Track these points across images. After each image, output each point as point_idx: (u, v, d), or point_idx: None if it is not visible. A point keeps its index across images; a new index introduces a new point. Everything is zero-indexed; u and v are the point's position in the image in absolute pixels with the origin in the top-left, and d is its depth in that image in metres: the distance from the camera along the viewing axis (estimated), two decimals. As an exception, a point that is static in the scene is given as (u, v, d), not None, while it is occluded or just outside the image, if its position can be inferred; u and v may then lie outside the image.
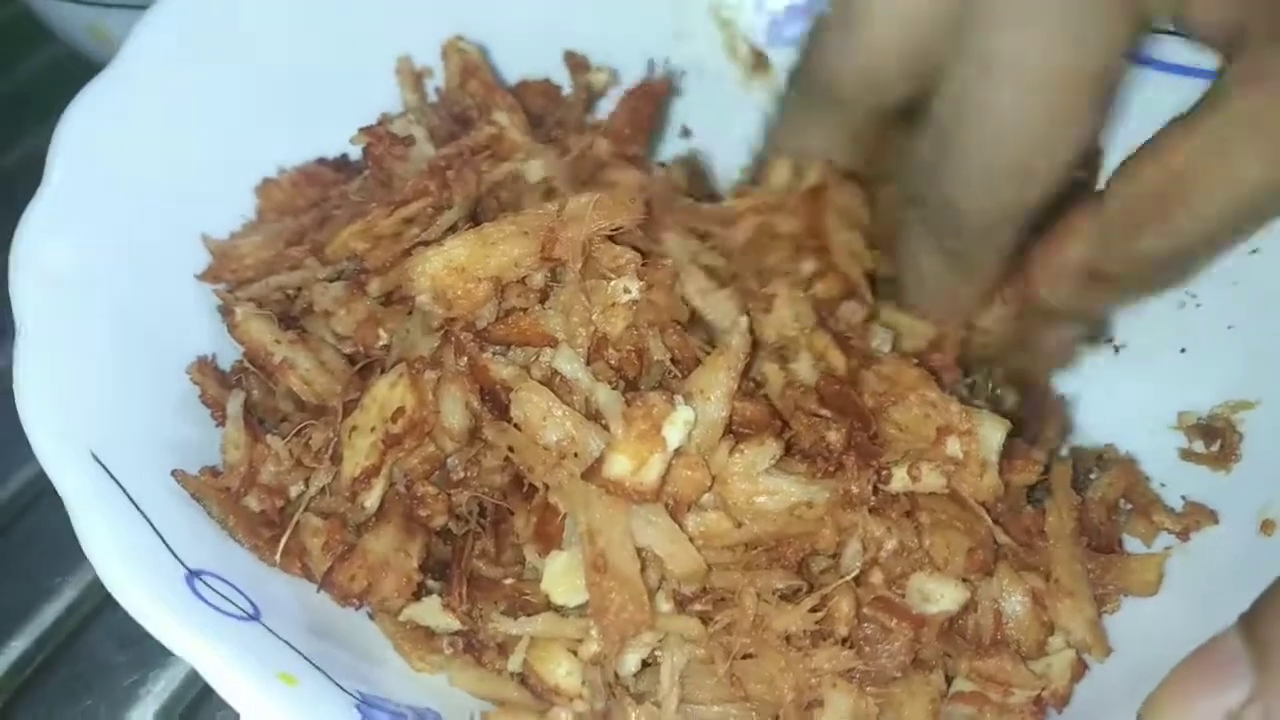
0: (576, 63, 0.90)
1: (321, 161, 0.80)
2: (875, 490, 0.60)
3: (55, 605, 0.74)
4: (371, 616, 0.62)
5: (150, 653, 0.71)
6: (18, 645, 0.72)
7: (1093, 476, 0.70)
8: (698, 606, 0.59)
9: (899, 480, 0.60)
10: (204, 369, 0.66)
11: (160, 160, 0.72)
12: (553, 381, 0.61)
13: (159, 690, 0.71)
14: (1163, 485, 0.71)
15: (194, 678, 0.71)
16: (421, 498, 0.61)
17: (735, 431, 0.60)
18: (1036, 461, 0.63)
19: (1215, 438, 0.70)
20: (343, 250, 0.69)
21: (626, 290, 0.63)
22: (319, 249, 0.70)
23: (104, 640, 0.72)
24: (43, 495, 0.78)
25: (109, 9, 0.90)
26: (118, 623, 0.71)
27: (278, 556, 0.60)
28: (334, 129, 0.78)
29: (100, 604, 0.74)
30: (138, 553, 0.52)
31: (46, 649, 0.72)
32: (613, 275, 0.64)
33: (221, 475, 0.62)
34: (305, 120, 0.80)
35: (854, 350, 0.63)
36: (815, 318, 0.63)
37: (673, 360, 0.63)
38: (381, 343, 0.67)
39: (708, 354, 0.61)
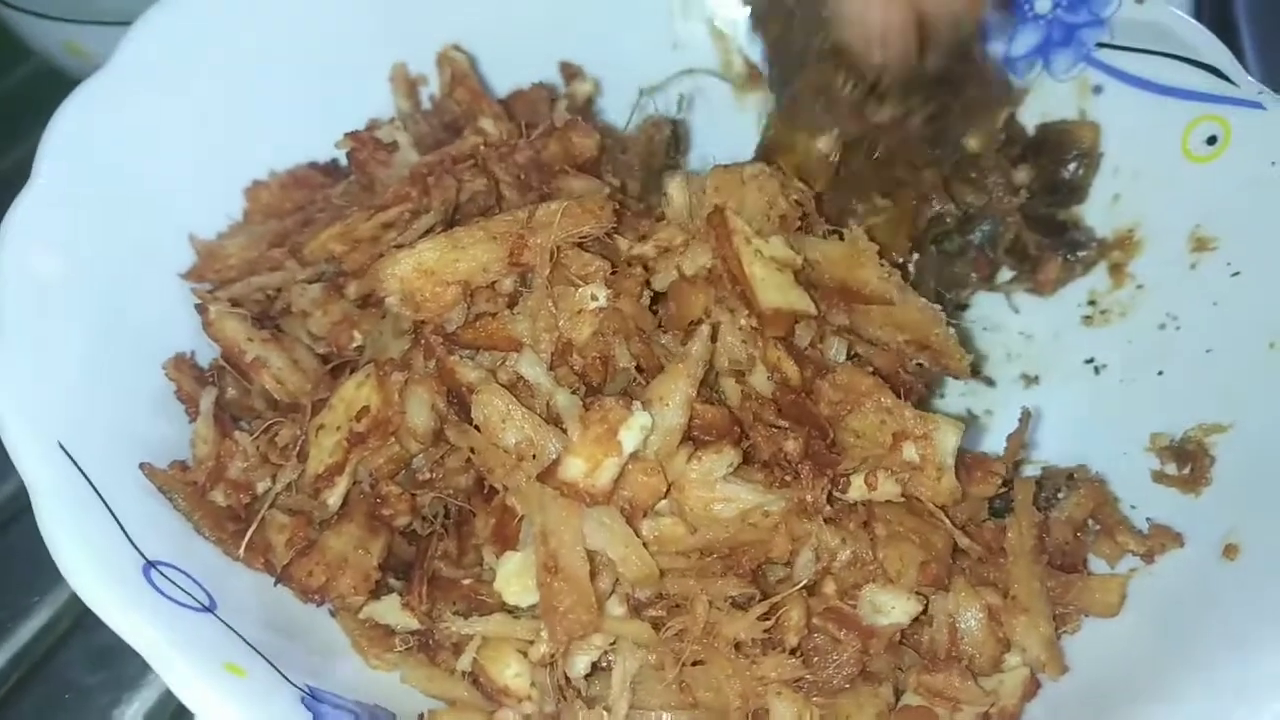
0: (570, 72, 0.91)
1: (312, 165, 0.82)
2: (831, 499, 0.60)
3: (31, 624, 0.74)
4: (333, 614, 0.63)
5: (125, 673, 0.71)
6: (-8, 664, 0.72)
7: (1060, 495, 0.69)
8: (651, 612, 0.60)
9: (856, 489, 0.61)
10: (180, 365, 0.67)
11: (150, 162, 0.73)
12: (517, 386, 0.62)
13: (133, 711, 0.71)
14: (1133, 507, 0.71)
15: (168, 698, 0.70)
16: (385, 497, 0.62)
17: (694, 439, 0.61)
18: (995, 473, 0.63)
19: (1186, 460, 0.70)
20: (321, 252, 0.70)
21: (594, 297, 0.64)
22: (299, 251, 0.71)
23: (79, 660, 0.73)
24: (19, 515, 0.77)
25: (86, 25, 0.92)
26: (94, 643, 0.73)
27: (241, 551, 0.61)
28: (330, 133, 0.79)
29: (76, 624, 0.74)
30: (96, 540, 0.54)
31: (21, 668, 0.73)
32: (581, 282, 0.65)
33: (190, 470, 0.63)
34: (301, 124, 0.81)
35: (808, 360, 0.63)
36: (761, 339, 0.63)
37: (638, 368, 0.64)
38: (355, 344, 0.68)
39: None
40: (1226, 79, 0.78)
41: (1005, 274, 0.84)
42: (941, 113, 0.75)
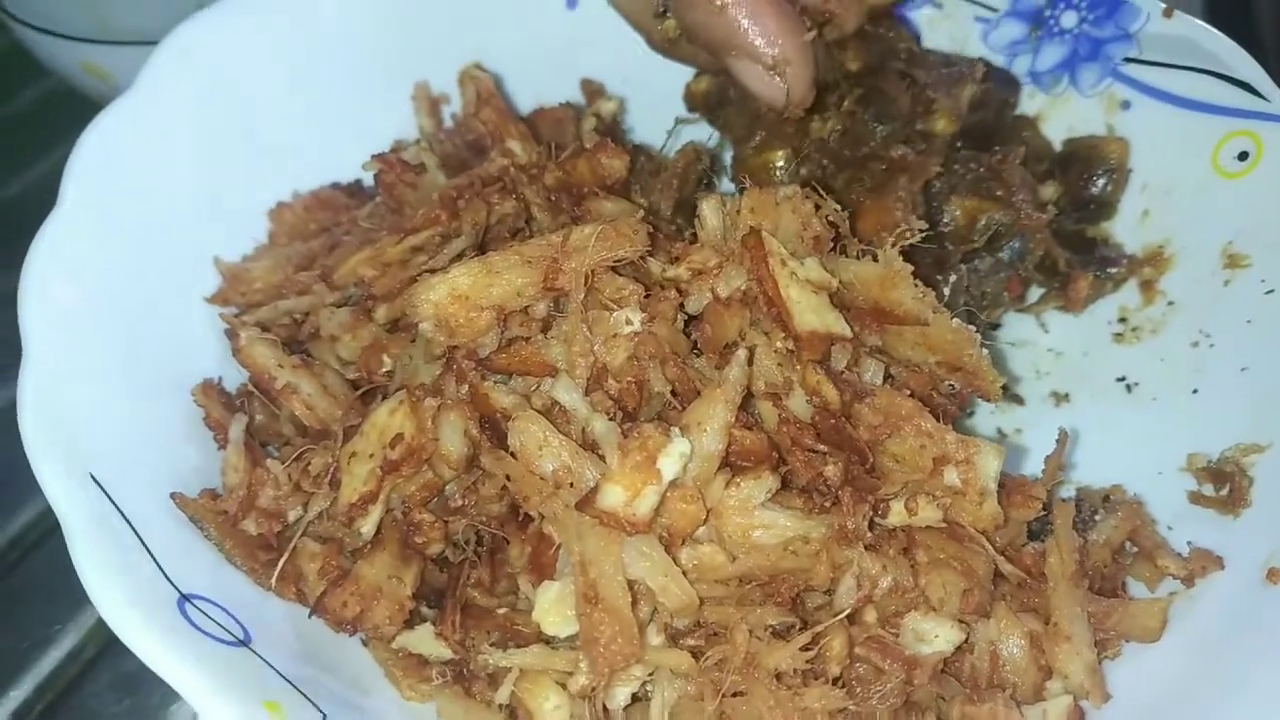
0: (592, 90, 0.91)
1: (335, 186, 0.81)
2: (871, 525, 0.59)
3: (54, 654, 0.73)
4: (365, 643, 0.62)
5: (148, 701, 0.71)
6: (17, 694, 0.72)
7: (1098, 518, 0.69)
8: (690, 641, 0.59)
9: (896, 514, 0.60)
10: (209, 392, 0.67)
11: (175, 185, 0.73)
12: (552, 411, 0.62)
13: (157, 740, 0.71)
14: (1170, 528, 0.70)
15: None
16: (418, 524, 0.62)
17: (732, 464, 0.60)
18: (1036, 497, 0.62)
19: (1224, 481, 0.69)
20: (350, 276, 0.70)
21: (628, 322, 0.63)
22: (328, 274, 0.71)
23: (103, 689, 0.72)
24: (42, 541, 0.78)
25: (104, 46, 0.92)
26: (117, 671, 0.72)
27: (273, 581, 0.60)
28: (354, 153, 0.79)
29: (100, 652, 0.73)
30: (130, 575, 0.53)
31: (46, 698, 0.72)
32: (615, 306, 0.64)
33: (221, 499, 0.62)
34: (324, 144, 0.81)
35: (847, 384, 0.62)
36: (798, 362, 0.62)
37: (673, 392, 0.63)
38: (385, 369, 0.68)
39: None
40: (1258, 94, 0.77)
41: (1035, 292, 0.84)
42: (873, 95, 0.76)
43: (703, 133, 0.86)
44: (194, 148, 0.74)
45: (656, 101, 0.88)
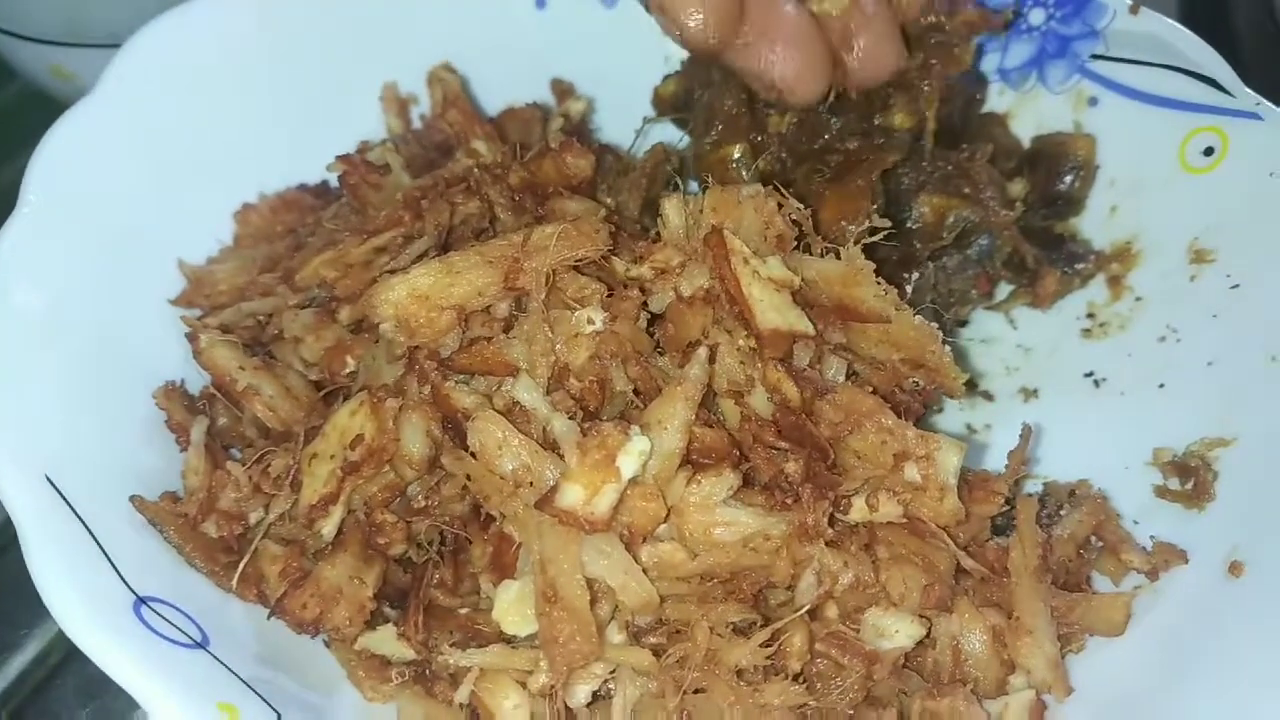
0: (562, 90, 0.91)
1: (302, 188, 0.81)
2: (833, 522, 0.59)
3: (19, 659, 0.73)
4: (327, 644, 0.62)
5: (113, 705, 0.70)
6: (-19, 701, 0.71)
7: (1063, 513, 0.69)
8: (652, 639, 0.59)
9: (858, 510, 0.60)
10: (170, 394, 0.66)
11: (138, 187, 0.73)
12: (514, 411, 0.61)
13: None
14: (1136, 523, 0.70)
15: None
16: (380, 525, 0.61)
17: (694, 462, 0.60)
18: (998, 492, 0.62)
19: (1189, 475, 0.69)
20: (314, 278, 0.70)
21: (590, 321, 0.63)
22: (290, 275, 0.70)
23: (68, 694, 0.72)
24: (8, 547, 0.77)
25: (72, 48, 0.91)
26: (83, 676, 0.71)
27: (234, 583, 0.60)
28: (321, 154, 0.79)
29: (65, 657, 0.73)
30: (85, 577, 0.53)
31: (11, 703, 0.72)
32: (577, 305, 0.64)
33: (181, 501, 0.62)
34: (292, 146, 0.81)
35: (808, 381, 0.62)
36: (760, 359, 0.62)
37: (636, 391, 0.63)
38: (349, 370, 0.67)
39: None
40: (1223, 90, 0.77)
41: (1003, 289, 0.84)
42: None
43: (671, 133, 0.86)
44: (158, 150, 0.74)
45: (625, 102, 0.88)
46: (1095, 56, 0.83)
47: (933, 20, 0.76)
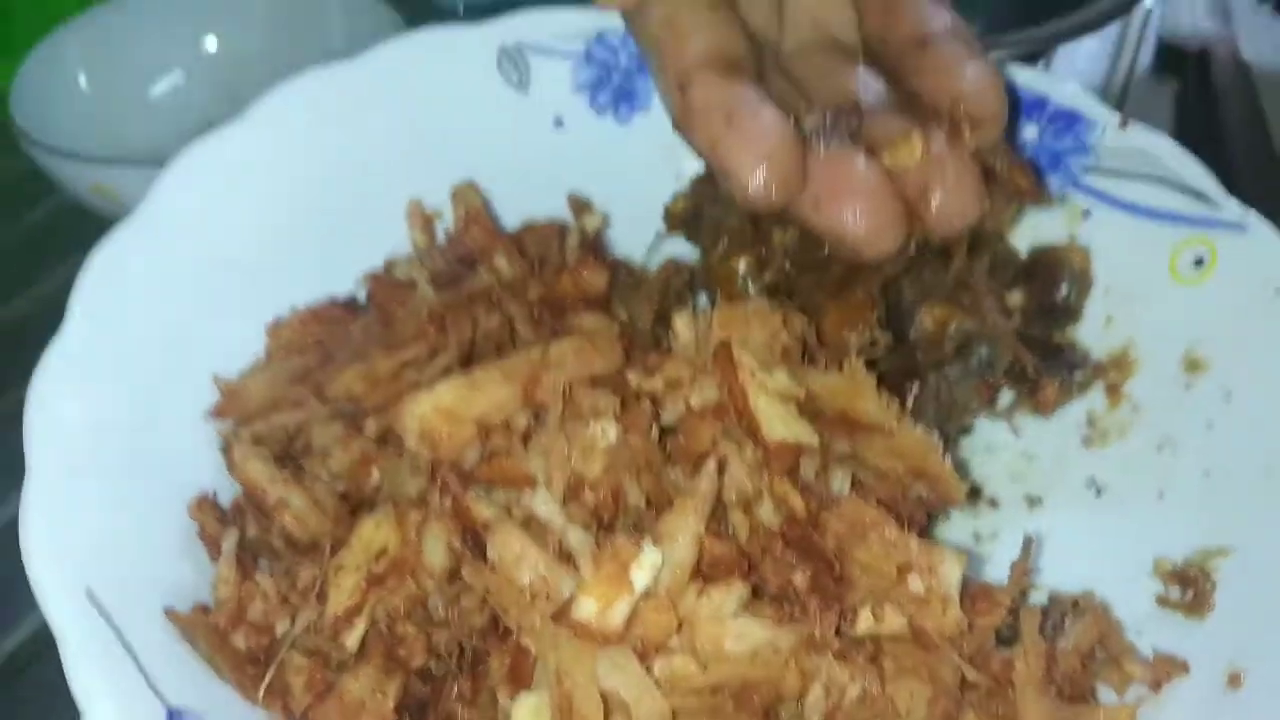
0: (579, 206, 0.95)
1: (332, 301, 0.85)
2: (839, 632, 0.61)
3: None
4: (349, 754, 0.64)
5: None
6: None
7: (1067, 623, 0.70)
8: (666, 754, 0.60)
9: (864, 622, 0.62)
10: (204, 506, 0.69)
11: (179, 304, 0.76)
12: (531, 523, 0.64)
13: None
14: (1138, 633, 0.72)
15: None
16: (402, 637, 0.64)
17: (704, 574, 0.62)
18: (1000, 603, 0.64)
19: (1189, 585, 0.71)
20: (344, 392, 0.73)
21: (604, 433, 0.66)
22: (320, 388, 0.74)
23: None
24: (43, 654, 0.76)
25: (111, 167, 0.96)
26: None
27: (260, 695, 0.62)
28: (351, 268, 0.83)
29: None
30: (121, 689, 0.55)
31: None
32: (592, 418, 0.67)
33: (212, 612, 0.64)
34: (323, 261, 0.85)
35: (813, 493, 0.65)
36: (767, 471, 0.65)
37: (647, 503, 0.66)
38: (374, 482, 0.70)
39: (683, 497, 0.63)
40: (1210, 202, 0.81)
41: (1005, 398, 0.86)
42: None
43: (682, 248, 0.90)
44: (198, 267, 0.78)
45: (638, 216, 0.92)
46: (1087, 169, 0.87)
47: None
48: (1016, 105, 0.85)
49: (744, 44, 0.70)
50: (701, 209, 0.87)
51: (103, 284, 0.72)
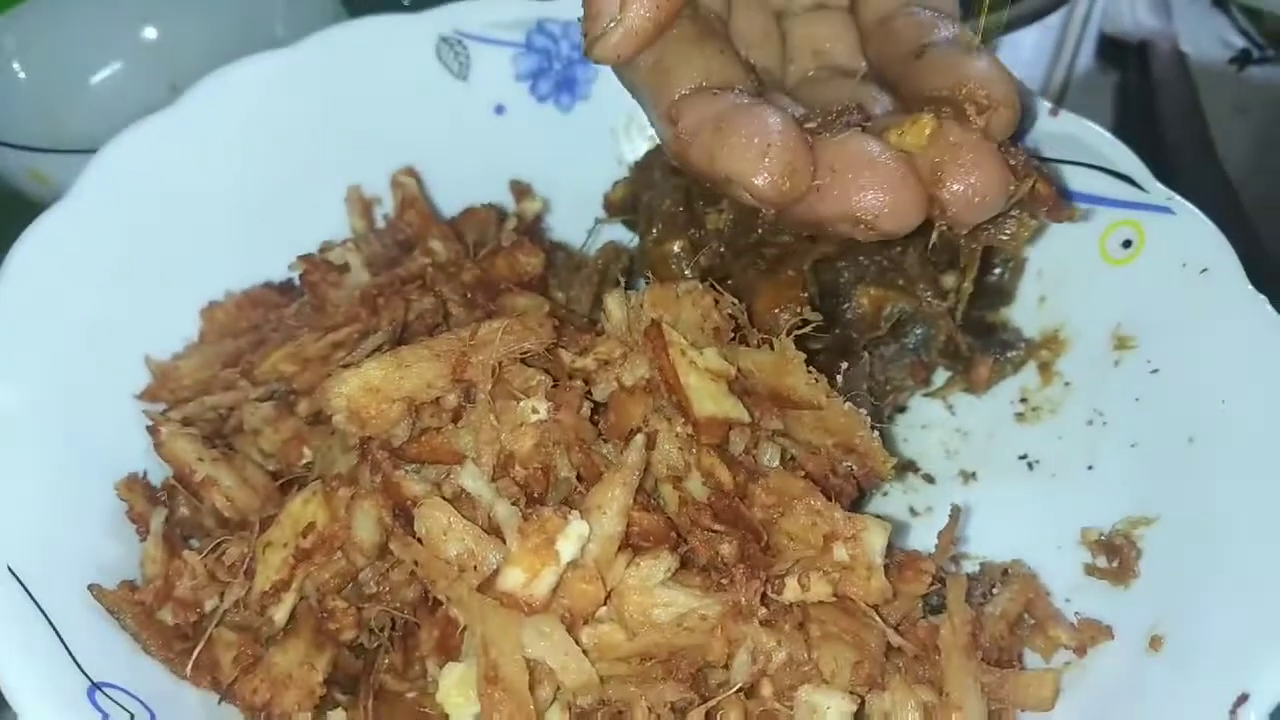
0: (520, 190, 0.96)
1: (268, 285, 0.85)
2: (766, 601, 0.62)
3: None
4: (280, 730, 0.64)
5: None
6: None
7: (995, 591, 0.71)
8: (594, 720, 0.61)
9: (791, 590, 0.62)
10: (132, 486, 0.69)
11: (110, 287, 0.76)
12: (461, 498, 0.64)
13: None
14: (1067, 600, 0.73)
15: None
16: (332, 611, 0.64)
17: (633, 545, 0.63)
18: (925, 571, 0.65)
19: (1115, 554, 0.72)
20: (273, 372, 0.73)
21: (534, 410, 0.66)
22: (250, 370, 0.74)
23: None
24: None
25: (49, 154, 0.95)
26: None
27: (188, 669, 0.62)
28: (288, 253, 0.82)
29: None
30: (41, 664, 0.55)
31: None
32: (523, 396, 0.67)
33: (139, 590, 0.64)
34: (260, 246, 0.85)
35: (741, 466, 0.65)
36: (697, 446, 0.65)
37: (579, 477, 0.66)
38: (305, 460, 0.70)
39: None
40: (1138, 186, 0.82)
41: (940, 377, 0.88)
42: None
43: (623, 233, 0.91)
44: (129, 250, 0.78)
45: (580, 202, 0.93)
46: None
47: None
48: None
49: (739, 73, 0.67)
50: (639, 196, 0.87)
51: (31, 267, 0.72)
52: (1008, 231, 0.74)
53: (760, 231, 0.80)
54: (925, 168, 0.63)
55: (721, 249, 0.81)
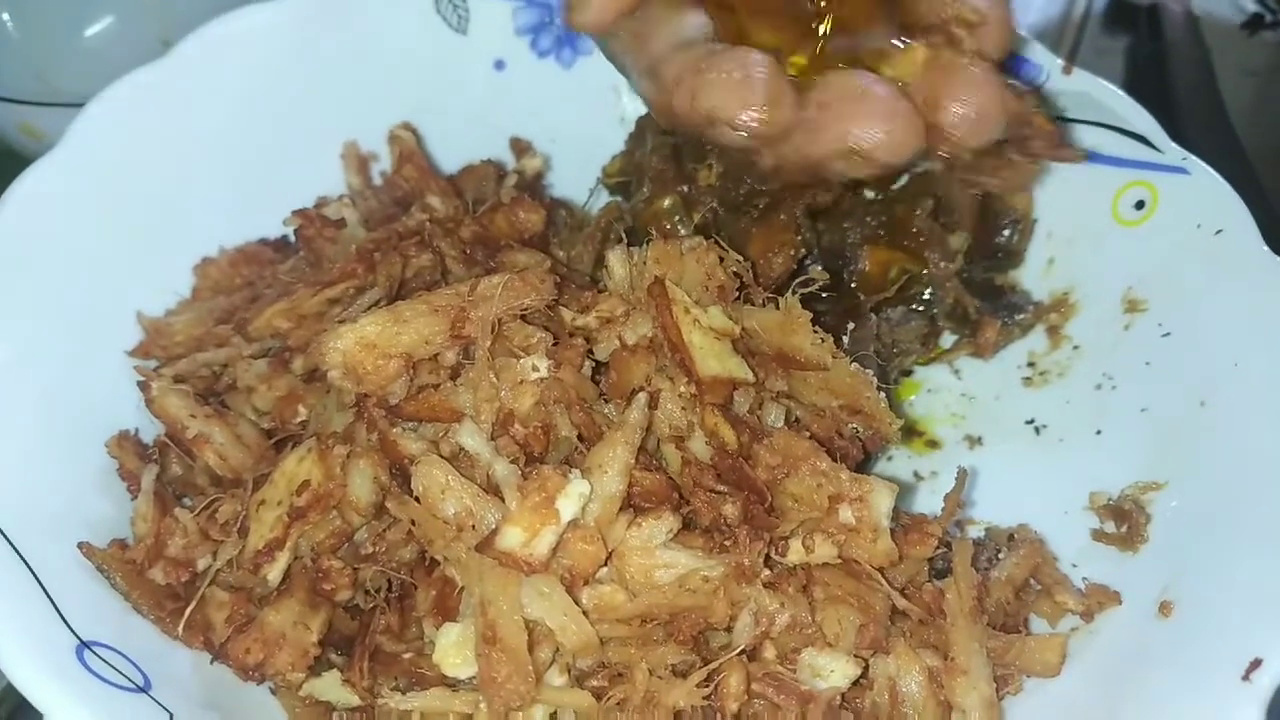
0: (520, 147, 0.94)
1: (262, 242, 0.83)
2: (770, 563, 0.61)
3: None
4: (273, 691, 0.63)
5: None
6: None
7: (1001, 556, 0.70)
8: (594, 682, 0.60)
9: (795, 552, 0.61)
10: (123, 443, 0.67)
11: (101, 241, 0.74)
12: (459, 457, 0.63)
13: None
14: (1074, 565, 0.72)
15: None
16: (327, 571, 0.62)
17: (635, 505, 0.62)
18: (931, 534, 0.64)
19: (1124, 519, 0.71)
20: (267, 328, 0.71)
21: (535, 368, 0.65)
22: (245, 327, 0.72)
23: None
24: None
25: (41, 107, 0.93)
26: None
27: (180, 629, 0.60)
28: (283, 209, 0.81)
29: (14, 710, 0.71)
30: (28, 621, 0.53)
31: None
32: (522, 353, 0.66)
33: (130, 548, 0.63)
34: (254, 201, 0.83)
35: (745, 426, 0.64)
36: (700, 405, 0.64)
37: (580, 437, 0.65)
38: (300, 418, 0.69)
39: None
40: (1152, 145, 0.81)
41: (947, 340, 0.86)
42: None
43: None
44: (121, 204, 0.76)
45: (582, 159, 0.91)
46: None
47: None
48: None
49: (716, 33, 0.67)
50: (635, 167, 0.85)
51: (20, 221, 0.70)
52: (1004, 174, 0.73)
53: (750, 182, 0.78)
54: (921, 96, 0.63)
55: (715, 205, 0.79)
